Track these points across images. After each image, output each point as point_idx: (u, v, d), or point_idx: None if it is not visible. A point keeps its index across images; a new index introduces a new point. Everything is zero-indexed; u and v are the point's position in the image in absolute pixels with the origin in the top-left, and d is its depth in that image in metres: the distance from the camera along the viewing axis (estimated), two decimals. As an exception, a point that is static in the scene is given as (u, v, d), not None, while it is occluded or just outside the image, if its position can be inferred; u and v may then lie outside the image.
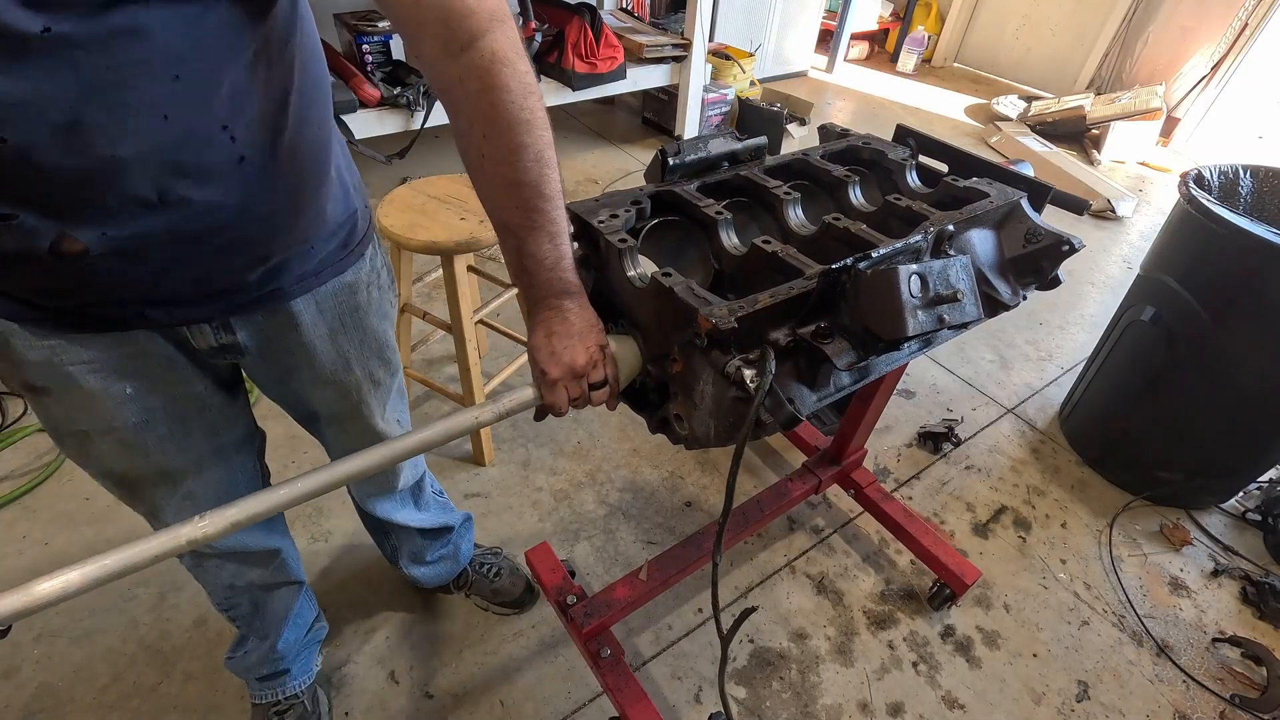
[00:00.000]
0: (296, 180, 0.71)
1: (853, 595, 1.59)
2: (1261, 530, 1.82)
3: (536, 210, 0.69)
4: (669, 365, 0.77)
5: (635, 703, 1.20)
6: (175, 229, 0.61)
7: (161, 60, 0.54)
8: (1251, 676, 1.50)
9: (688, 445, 0.80)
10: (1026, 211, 0.92)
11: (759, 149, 1.01)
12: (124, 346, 0.72)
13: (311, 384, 0.91)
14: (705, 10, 3.09)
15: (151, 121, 0.55)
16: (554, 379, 0.73)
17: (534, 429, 1.93)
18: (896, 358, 0.84)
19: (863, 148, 1.08)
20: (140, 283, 0.65)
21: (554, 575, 1.35)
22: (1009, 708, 1.41)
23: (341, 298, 0.86)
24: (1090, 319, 2.62)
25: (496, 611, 1.48)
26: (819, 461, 1.61)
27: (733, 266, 0.85)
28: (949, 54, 5.32)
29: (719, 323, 0.65)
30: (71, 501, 1.64)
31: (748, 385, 0.65)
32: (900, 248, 0.77)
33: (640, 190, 0.90)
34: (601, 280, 0.85)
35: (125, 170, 0.55)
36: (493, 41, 0.64)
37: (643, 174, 0.97)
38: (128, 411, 0.76)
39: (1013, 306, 0.90)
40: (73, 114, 0.52)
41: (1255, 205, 1.73)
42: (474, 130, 0.68)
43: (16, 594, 0.52)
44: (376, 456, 0.68)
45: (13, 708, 1.28)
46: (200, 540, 0.59)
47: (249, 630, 1.17)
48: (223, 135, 0.60)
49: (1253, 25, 3.71)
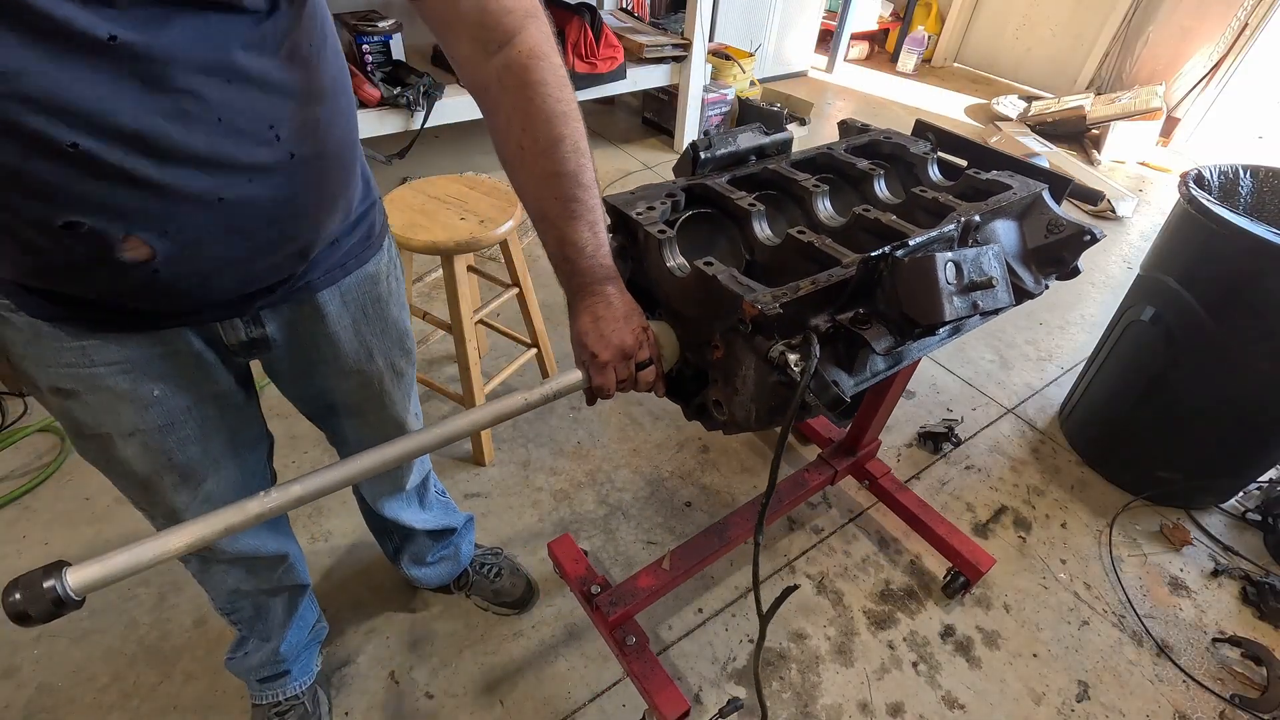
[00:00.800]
0: (333, 174, 0.72)
1: (853, 595, 1.59)
2: (1261, 530, 1.82)
3: (575, 199, 0.71)
4: (708, 352, 0.79)
5: (662, 689, 1.21)
6: (231, 227, 0.63)
7: (216, 66, 0.55)
8: (1251, 676, 1.50)
9: (725, 430, 0.83)
10: (1048, 203, 0.94)
11: (785, 143, 1.04)
12: (156, 346, 0.73)
13: (334, 375, 0.92)
14: (705, 10, 3.09)
15: (208, 125, 0.57)
16: (604, 361, 0.74)
17: (534, 429, 1.93)
18: (929, 344, 0.86)
19: (884, 142, 1.10)
20: (191, 282, 0.65)
21: (577, 566, 1.37)
22: (1009, 708, 1.41)
23: (365, 288, 0.87)
24: (1090, 319, 2.62)
25: (497, 612, 1.48)
26: (834, 453, 1.64)
27: (766, 257, 0.87)
28: (949, 54, 5.32)
29: (765, 309, 0.67)
30: (71, 501, 1.64)
31: (791, 369, 0.67)
32: (936, 236, 0.79)
33: (673, 183, 0.93)
34: (638, 271, 0.87)
35: (187, 173, 0.57)
36: (529, 37, 0.66)
37: (644, 174, 0.98)
38: (154, 414, 0.77)
39: (1037, 295, 0.92)
40: (137, 120, 0.53)
41: (1255, 205, 1.73)
42: (512, 125, 0.69)
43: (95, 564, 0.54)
44: (429, 437, 0.69)
45: (13, 708, 1.29)
46: (266, 514, 0.61)
47: (250, 632, 1.17)
48: (270, 134, 0.61)
49: (1253, 25, 3.71)
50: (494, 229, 1.46)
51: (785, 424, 0.69)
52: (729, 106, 3.58)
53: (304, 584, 1.19)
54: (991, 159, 1.05)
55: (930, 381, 2.24)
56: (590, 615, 1.37)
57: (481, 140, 3.44)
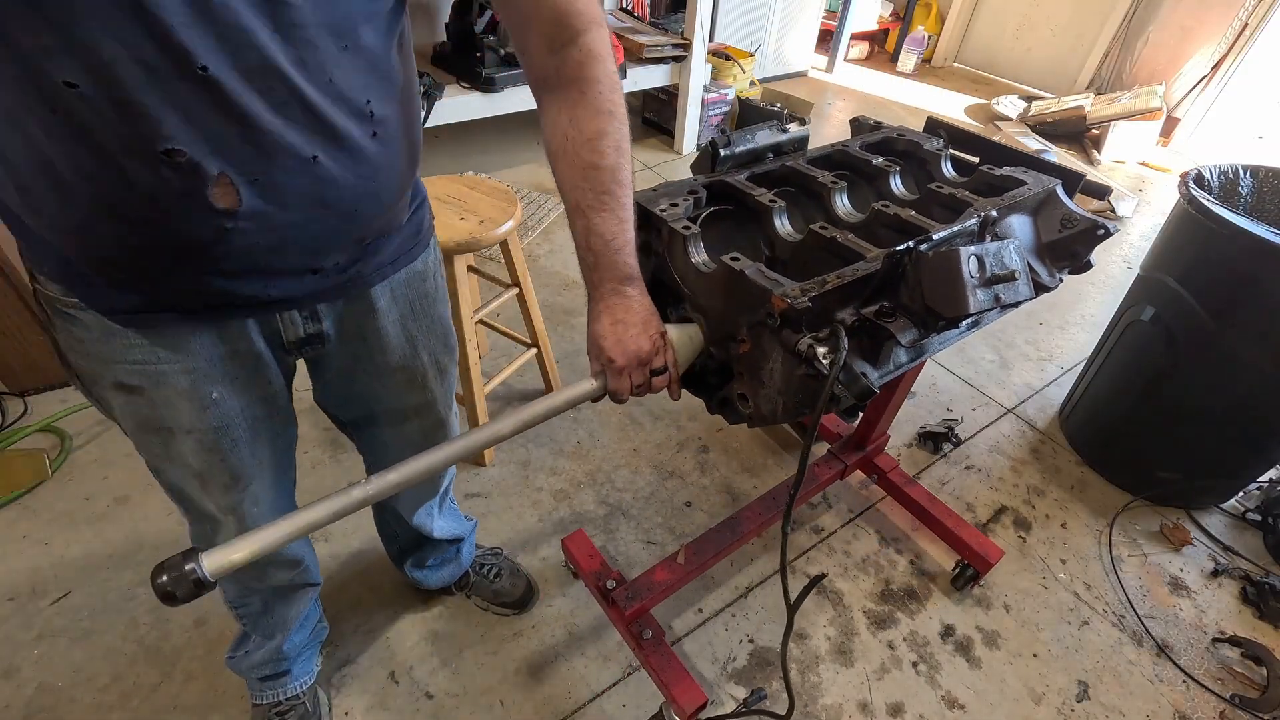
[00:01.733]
0: (403, 164, 0.74)
1: (853, 595, 1.59)
2: (1261, 530, 1.82)
3: (609, 193, 0.74)
4: (734, 347, 0.80)
5: (679, 682, 1.22)
6: (314, 194, 0.65)
7: (340, 29, 0.59)
8: (1251, 676, 1.50)
9: (750, 423, 0.84)
10: (1061, 198, 0.95)
11: (802, 140, 1.05)
12: (220, 347, 0.75)
13: (379, 374, 0.93)
14: (705, 10, 3.09)
15: (321, 81, 0.59)
16: (620, 367, 0.77)
17: (534, 429, 1.92)
18: (950, 336, 0.88)
19: (897, 139, 1.11)
20: (262, 250, 0.66)
21: (592, 561, 1.38)
22: (1009, 708, 1.41)
23: (413, 285, 0.89)
24: (1090, 319, 2.62)
25: (497, 612, 1.48)
26: (844, 447, 1.65)
27: (787, 252, 0.88)
28: (949, 54, 5.32)
29: (794, 302, 0.68)
30: (71, 501, 1.64)
31: (819, 362, 0.68)
32: (958, 230, 0.81)
33: (694, 180, 0.95)
34: (661, 267, 0.88)
35: (292, 125, 0.59)
36: (591, 40, 0.72)
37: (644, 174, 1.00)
38: (210, 416, 0.79)
39: (1052, 288, 0.93)
40: (263, 56, 0.55)
41: (1255, 205, 1.73)
42: (561, 115, 0.74)
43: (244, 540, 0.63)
44: (488, 433, 0.72)
45: (13, 708, 1.28)
46: (368, 500, 0.67)
47: (254, 629, 1.17)
48: (366, 108, 0.64)
49: (1253, 25, 3.71)
50: (494, 229, 1.46)
51: (815, 415, 0.70)
52: (729, 106, 3.58)
53: (315, 583, 1.19)
54: (1004, 155, 1.06)
55: (930, 381, 2.24)
56: (606, 610, 1.38)
57: (481, 140, 3.44)
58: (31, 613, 1.43)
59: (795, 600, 0.81)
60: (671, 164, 3.41)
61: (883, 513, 1.79)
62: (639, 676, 1.40)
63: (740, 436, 1.97)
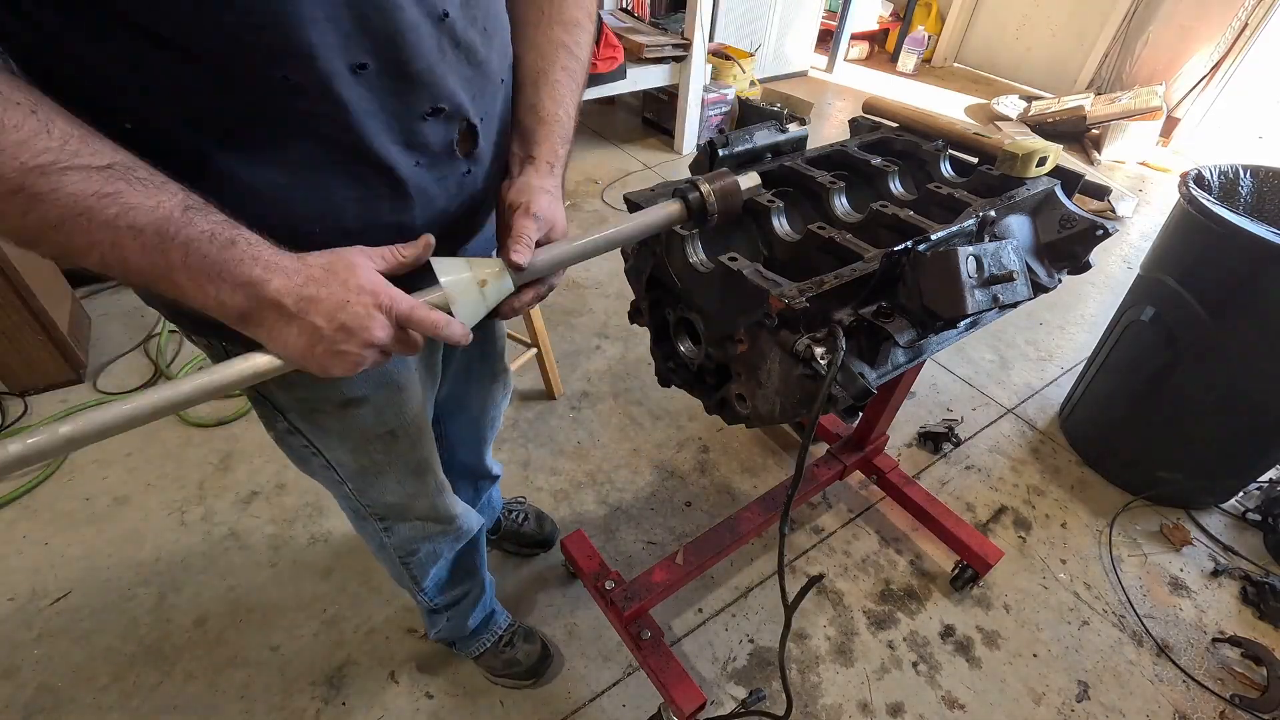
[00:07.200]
0: (504, 160, 0.74)
1: (852, 595, 1.59)
2: (1261, 530, 1.82)
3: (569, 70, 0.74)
4: (732, 347, 0.80)
5: (678, 683, 1.22)
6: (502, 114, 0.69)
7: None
8: (1251, 676, 1.50)
9: (748, 424, 0.84)
10: (1060, 198, 0.95)
11: (801, 140, 1.05)
12: None
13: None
14: (705, 10, 3.09)
15: (498, 41, 0.65)
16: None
17: (534, 429, 1.93)
18: (948, 337, 0.88)
19: (895, 139, 1.11)
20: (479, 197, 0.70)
21: (591, 561, 1.39)
22: (1009, 708, 1.41)
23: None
24: (1090, 319, 2.62)
25: (525, 553, 1.56)
26: (843, 448, 1.65)
27: (785, 253, 0.88)
28: (949, 54, 5.32)
29: (792, 303, 0.68)
30: (71, 501, 1.64)
31: (817, 362, 0.68)
32: (956, 230, 0.80)
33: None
34: (659, 267, 0.88)
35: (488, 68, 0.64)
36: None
37: (644, 174, 0.99)
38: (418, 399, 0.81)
39: (1051, 288, 0.93)
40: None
41: (1255, 205, 1.73)
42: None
43: None
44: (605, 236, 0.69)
45: (13, 708, 1.29)
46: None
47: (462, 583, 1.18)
48: (506, 68, 0.69)
49: (1253, 25, 3.71)
50: (494, 229, 1.46)
51: (813, 415, 0.70)
52: (729, 106, 3.58)
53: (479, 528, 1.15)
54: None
55: (930, 381, 2.24)
56: (604, 611, 1.39)
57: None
58: (31, 613, 1.43)
59: (793, 601, 0.81)
60: (671, 164, 3.41)
61: (882, 513, 1.79)
62: (639, 677, 1.40)
63: (740, 437, 1.97)
